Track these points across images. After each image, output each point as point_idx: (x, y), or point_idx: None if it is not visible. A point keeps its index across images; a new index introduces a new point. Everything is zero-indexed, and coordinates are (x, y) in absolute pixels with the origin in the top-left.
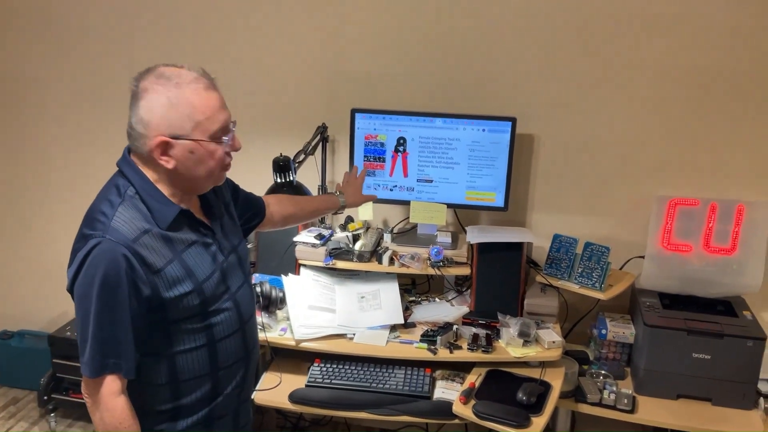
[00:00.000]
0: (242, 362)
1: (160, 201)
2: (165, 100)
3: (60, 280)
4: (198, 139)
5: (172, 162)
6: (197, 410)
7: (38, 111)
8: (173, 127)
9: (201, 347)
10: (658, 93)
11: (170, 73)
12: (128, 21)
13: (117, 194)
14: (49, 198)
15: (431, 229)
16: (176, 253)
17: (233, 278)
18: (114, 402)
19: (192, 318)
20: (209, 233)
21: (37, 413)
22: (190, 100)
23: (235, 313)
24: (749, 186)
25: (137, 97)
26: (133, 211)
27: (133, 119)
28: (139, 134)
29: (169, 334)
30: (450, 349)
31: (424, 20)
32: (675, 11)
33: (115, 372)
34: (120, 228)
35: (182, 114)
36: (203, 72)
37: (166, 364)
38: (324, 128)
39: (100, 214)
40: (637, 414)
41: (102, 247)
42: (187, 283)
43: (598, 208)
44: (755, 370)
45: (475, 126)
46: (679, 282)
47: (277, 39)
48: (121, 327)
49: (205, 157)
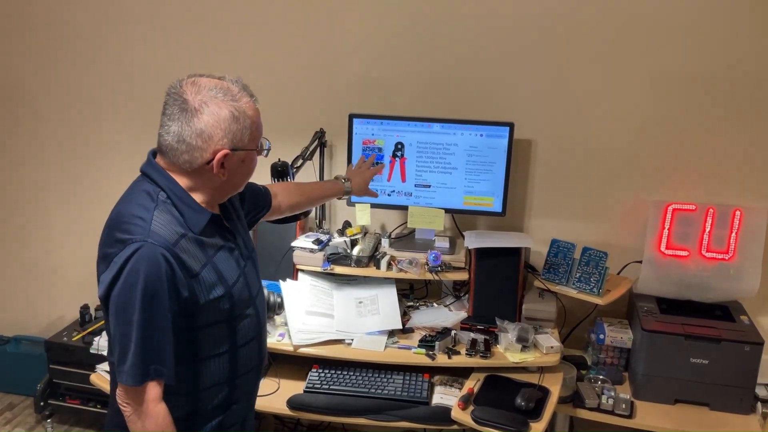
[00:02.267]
0: (256, 369)
1: (192, 207)
2: (228, 114)
3: (56, 285)
4: (251, 149)
5: (227, 174)
6: (211, 418)
7: (34, 115)
8: (235, 140)
9: (224, 353)
10: (655, 99)
11: (221, 86)
12: (121, 27)
13: (150, 199)
14: (46, 203)
15: (429, 234)
16: (209, 257)
17: (253, 283)
18: (157, 409)
19: (218, 324)
20: (232, 238)
21: (33, 419)
22: (248, 113)
23: (256, 319)
24: (746, 191)
25: (193, 110)
26: (168, 216)
27: (186, 132)
28: (195, 147)
29: (197, 340)
30: (448, 354)
31: (421, 26)
32: (672, 18)
33: (157, 378)
34: (161, 231)
35: (243, 126)
36: (244, 83)
37: (189, 371)
38: (322, 133)
39: (136, 218)
40: (636, 419)
41: (144, 251)
42: (219, 288)
43: (595, 213)
44: (753, 374)
45: (472, 131)
46: (677, 287)
47: (275, 44)
48: (163, 332)
49: (251, 166)
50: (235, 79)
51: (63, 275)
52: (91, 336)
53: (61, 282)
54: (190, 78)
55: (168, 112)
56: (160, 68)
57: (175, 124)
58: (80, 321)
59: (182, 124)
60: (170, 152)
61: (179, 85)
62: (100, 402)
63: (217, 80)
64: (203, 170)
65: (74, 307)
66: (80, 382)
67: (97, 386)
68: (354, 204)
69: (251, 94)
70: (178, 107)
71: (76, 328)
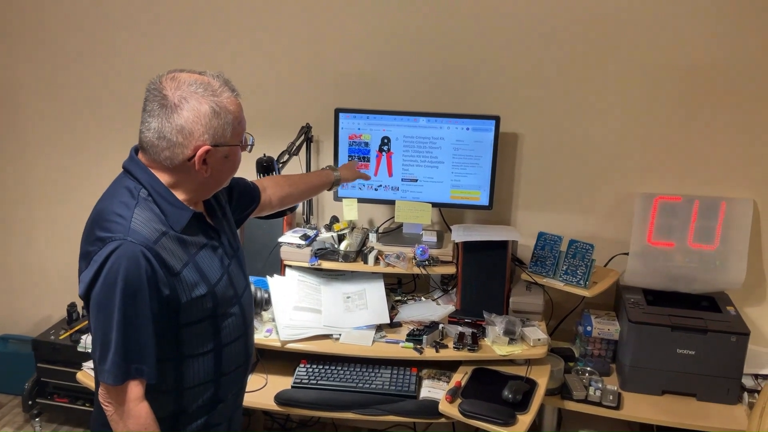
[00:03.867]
0: (242, 368)
1: (174, 204)
2: (209, 109)
3: (43, 284)
4: (234, 144)
5: (209, 170)
6: (196, 418)
7: (17, 113)
8: (216, 136)
9: (208, 352)
10: (641, 92)
11: (202, 81)
12: (105, 23)
13: (131, 196)
14: (31, 202)
15: (417, 229)
16: (191, 255)
17: (238, 282)
18: (138, 408)
19: (203, 321)
20: (216, 236)
21: (21, 418)
22: (229, 107)
23: (241, 318)
24: (731, 183)
25: (173, 106)
26: (149, 213)
27: (167, 128)
28: (176, 143)
29: (180, 339)
30: (436, 348)
31: (407, 20)
32: (659, 12)
33: (138, 377)
34: (139, 229)
35: (224, 122)
36: (225, 78)
37: (173, 370)
38: (308, 128)
39: (116, 215)
40: (623, 410)
41: (123, 249)
42: (201, 287)
43: (582, 206)
44: (739, 365)
45: (459, 125)
46: (663, 278)
47: (260, 39)
48: (144, 331)
49: (235, 162)
50: (216, 74)
51: (50, 274)
52: (79, 334)
53: (48, 280)
54: (170, 74)
55: (148, 109)
56: (145, 65)
57: (155, 120)
58: (67, 319)
59: (162, 121)
60: (151, 149)
61: (159, 80)
62: (89, 400)
63: (197, 75)
64: (185, 167)
65: (61, 306)
66: (68, 381)
67: (84, 384)
68: (341, 199)
69: (233, 89)
70: (158, 103)
71: (63, 327)
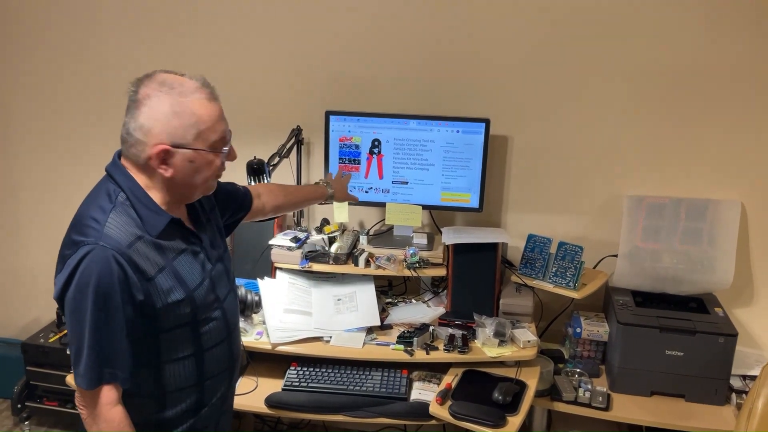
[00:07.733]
0: (227, 372)
1: (151, 208)
2: (168, 108)
3: (32, 286)
4: (199, 149)
5: (170, 171)
6: (181, 423)
7: (4, 115)
8: (175, 136)
9: (189, 357)
10: (629, 95)
11: (173, 81)
12: (95, 24)
13: (108, 200)
14: (18, 204)
15: (407, 231)
16: (167, 261)
17: (221, 286)
18: (112, 413)
19: (182, 327)
20: (197, 242)
21: (11, 421)
22: (194, 109)
23: (223, 322)
24: (719, 185)
25: (138, 103)
26: (125, 217)
27: (131, 125)
28: (138, 141)
29: (158, 344)
30: (426, 350)
31: (397, 22)
32: (647, 14)
33: (112, 382)
34: (113, 234)
35: (185, 123)
36: (205, 81)
37: (152, 374)
38: (299, 131)
39: (91, 219)
40: (612, 411)
41: (95, 254)
42: (178, 292)
43: (571, 208)
44: (727, 366)
45: (449, 127)
46: (652, 280)
47: (250, 41)
48: (116, 336)
49: (204, 167)
50: (196, 77)
51: (38, 277)
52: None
53: (37, 283)
54: (152, 73)
55: (126, 106)
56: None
57: (126, 116)
58: (56, 322)
59: (129, 117)
60: (123, 145)
61: (139, 79)
62: None
63: (174, 76)
64: (149, 166)
65: (50, 309)
66: (57, 384)
67: (73, 387)
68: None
69: (211, 95)
70: (130, 100)
71: (52, 330)
